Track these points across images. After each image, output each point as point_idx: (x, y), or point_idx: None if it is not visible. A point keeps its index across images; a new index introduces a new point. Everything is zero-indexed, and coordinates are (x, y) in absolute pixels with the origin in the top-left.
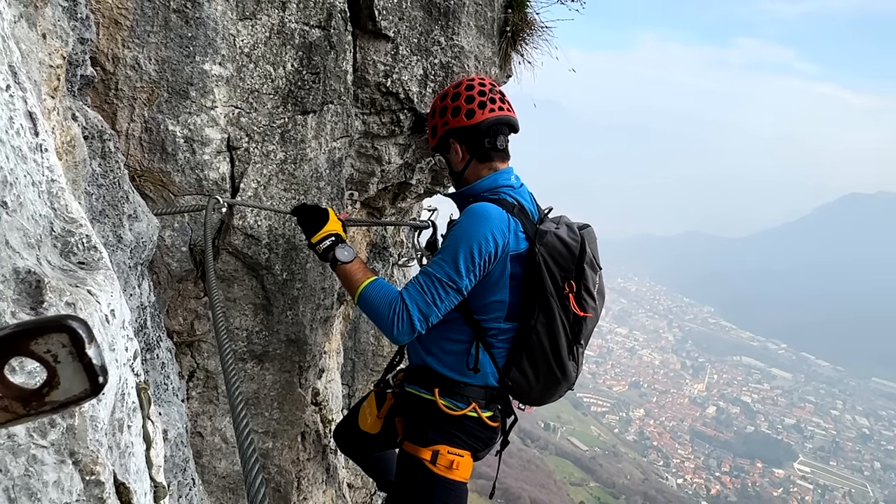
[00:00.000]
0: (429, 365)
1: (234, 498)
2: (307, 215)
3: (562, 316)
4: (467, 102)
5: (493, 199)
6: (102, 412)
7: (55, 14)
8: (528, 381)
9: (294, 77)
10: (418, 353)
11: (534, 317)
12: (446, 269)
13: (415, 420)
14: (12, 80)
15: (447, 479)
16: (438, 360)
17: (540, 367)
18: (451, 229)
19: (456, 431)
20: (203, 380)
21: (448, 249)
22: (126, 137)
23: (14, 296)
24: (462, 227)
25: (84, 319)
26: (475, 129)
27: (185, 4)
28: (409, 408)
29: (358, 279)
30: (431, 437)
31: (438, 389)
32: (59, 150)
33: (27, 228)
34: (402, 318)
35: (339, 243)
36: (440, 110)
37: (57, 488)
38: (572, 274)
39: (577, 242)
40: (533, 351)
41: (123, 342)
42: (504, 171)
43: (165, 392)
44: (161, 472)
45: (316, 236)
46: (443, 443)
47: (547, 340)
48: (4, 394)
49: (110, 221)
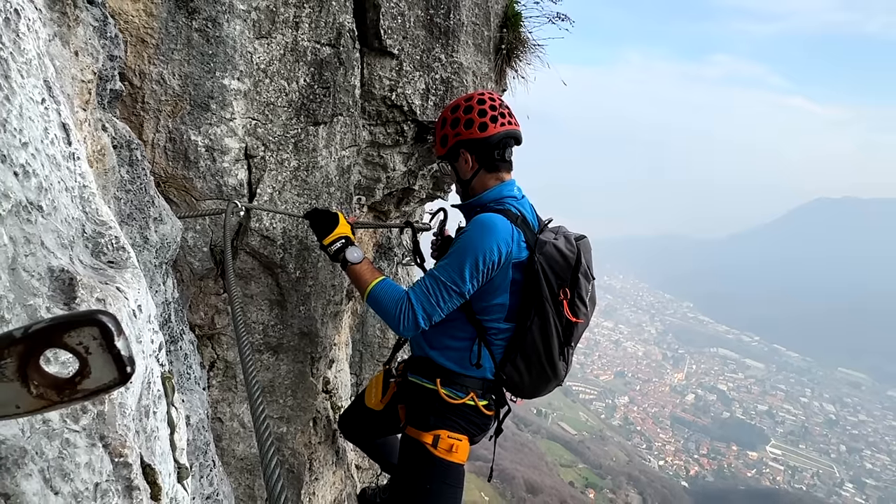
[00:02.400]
0: (431, 358)
1: (251, 478)
2: (319, 219)
3: (555, 320)
4: (480, 116)
5: (499, 210)
6: (130, 399)
7: (86, 33)
8: (522, 376)
9: (306, 91)
10: (421, 346)
11: (530, 319)
12: (452, 273)
13: (417, 407)
14: (47, 93)
15: (447, 462)
16: (441, 354)
17: (533, 365)
18: (459, 237)
19: (455, 418)
20: (223, 370)
21: (455, 255)
22: (152, 146)
23: (49, 292)
24: (470, 237)
25: (113, 314)
26: (487, 142)
27: (206, 24)
28: (411, 396)
29: (367, 279)
30: (433, 423)
31: (440, 380)
32: (90, 159)
33: (61, 230)
34: (407, 316)
35: (348, 245)
36: (452, 121)
37: (88, 469)
38: (567, 282)
39: (573, 254)
40: (527, 350)
41: (149, 335)
42: (508, 182)
43: (188, 381)
44: (184, 454)
45: (327, 238)
46: (443, 428)
47: (540, 341)
48: (40, 382)
49: (137, 224)
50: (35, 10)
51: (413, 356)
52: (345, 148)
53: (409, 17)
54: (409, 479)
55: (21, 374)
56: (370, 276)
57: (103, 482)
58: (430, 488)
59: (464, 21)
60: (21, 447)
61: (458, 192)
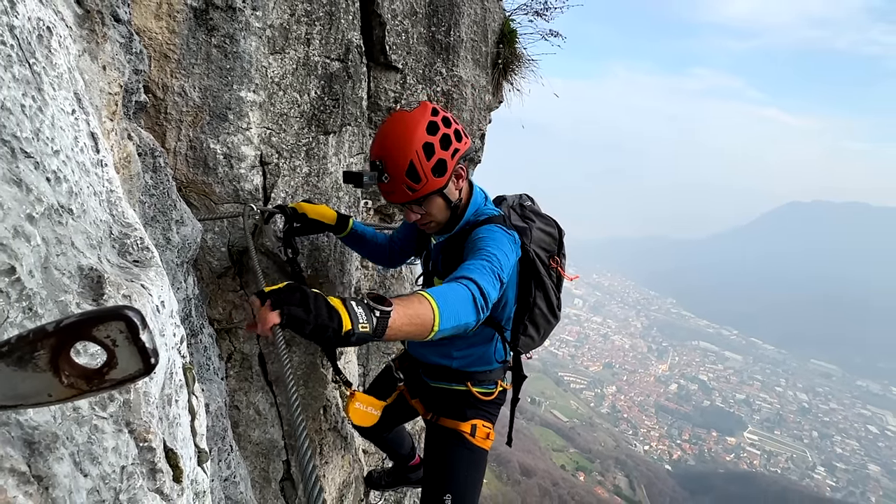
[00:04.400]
0: (458, 368)
1: (266, 462)
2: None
3: (551, 283)
4: (455, 123)
5: (486, 221)
6: (154, 388)
7: (113, 49)
8: (534, 338)
9: (317, 103)
10: (442, 357)
11: (532, 296)
12: (502, 260)
13: (448, 403)
14: (77, 105)
15: (483, 449)
16: (467, 362)
17: (541, 325)
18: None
19: (489, 408)
20: (239, 361)
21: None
22: (174, 154)
23: (79, 289)
24: (492, 236)
25: (138, 309)
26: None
27: (225, 40)
28: (438, 396)
29: (420, 312)
30: (470, 414)
31: (471, 381)
32: (116, 165)
33: (90, 232)
34: (484, 306)
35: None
36: (441, 141)
37: (115, 453)
38: (555, 251)
39: (554, 228)
40: (535, 319)
41: (172, 329)
42: (475, 186)
43: (207, 371)
44: (203, 439)
45: (345, 322)
46: (479, 418)
47: (545, 305)
48: (71, 372)
49: (160, 226)
50: (66, 27)
51: (428, 363)
52: (353, 155)
53: (412, 34)
54: (445, 467)
55: (53, 364)
56: (417, 305)
57: (129, 465)
58: (468, 475)
59: (463, 38)
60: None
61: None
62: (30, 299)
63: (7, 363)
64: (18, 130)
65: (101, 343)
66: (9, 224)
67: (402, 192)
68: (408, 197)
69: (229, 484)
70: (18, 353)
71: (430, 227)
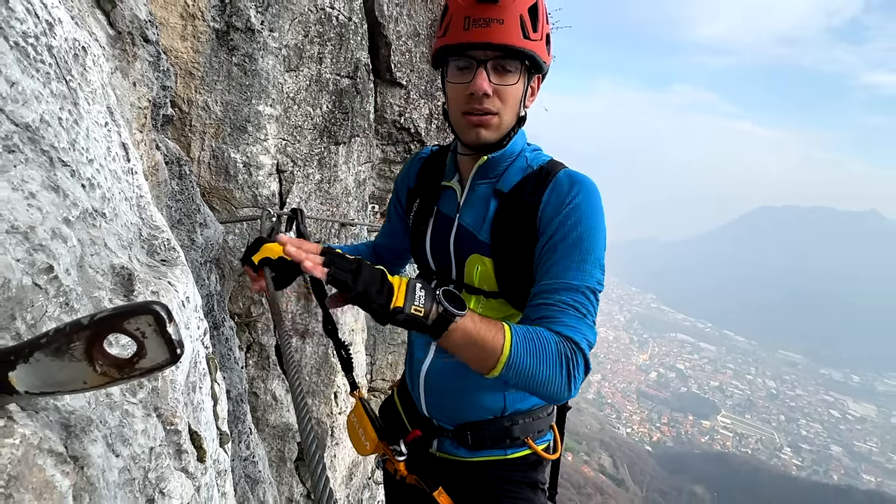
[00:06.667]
0: (513, 410)
1: (281, 443)
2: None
3: None
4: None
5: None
6: (180, 376)
7: (143, 67)
8: None
9: (328, 116)
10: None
11: None
12: (599, 275)
13: (502, 490)
14: (110, 118)
15: None
16: (524, 397)
17: None
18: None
19: (544, 478)
20: (258, 351)
21: (584, 244)
22: (198, 163)
23: (111, 286)
24: (592, 211)
25: (165, 304)
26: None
27: (244, 59)
28: (479, 480)
29: (494, 339)
30: (537, 501)
31: (531, 436)
32: (145, 173)
33: (121, 233)
34: (579, 369)
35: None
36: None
37: (144, 435)
38: None
39: None
40: None
41: (196, 322)
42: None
43: (228, 361)
44: (225, 422)
45: (396, 298)
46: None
47: None
48: (104, 362)
49: (185, 228)
50: (99, 47)
51: (463, 423)
52: (361, 164)
53: (415, 54)
54: None
55: (88, 355)
56: (494, 329)
57: (157, 446)
58: None
59: None
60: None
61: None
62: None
63: (46, 353)
64: (56, 141)
65: (132, 335)
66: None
67: (514, 27)
68: (515, 38)
69: (248, 463)
70: (56, 344)
71: (488, 122)
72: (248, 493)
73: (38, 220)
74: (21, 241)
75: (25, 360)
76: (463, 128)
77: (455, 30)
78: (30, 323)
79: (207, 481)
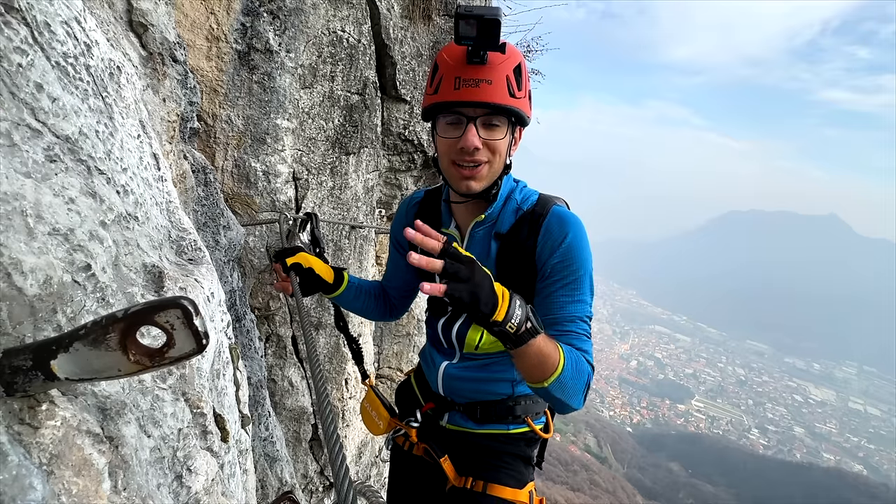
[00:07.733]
0: (519, 393)
1: (297, 425)
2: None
3: None
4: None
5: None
6: (205, 364)
7: (171, 84)
8: None
9: (340, 129)
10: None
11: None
12: (591, 300)
13: (501, 458)
14: (142, 130)
15: None
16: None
17: None
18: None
19: (538, 457)
20: (276, 342)
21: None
22: (221, 171)
23: (143, 283)
24: (581, 247)
25: (192, 299)
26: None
27: (264, 77)
28: (482, 450)
29: (553, 357)
30: (527, 475)
31: (530, 416)
32: (174, 180)
33: (152, 235)
34: (588, 385)
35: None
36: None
37: (173, 418)
38: None
39: None
40: None
41: (220, 315)
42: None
43: (249, 350)
44: (246, 406)
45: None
46: (532, 478)
47: None
48: (136, 351)
49: (210, 230)
50: (133, 66)
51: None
52: (369, 172)
53: (418, 72)
54: None
55: (122, 345)
56: (554, 351)
57: (185, 428)
58: None
59: None
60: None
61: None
62: (102, 291)
63: (84, 344)
64: (93, 151)
65: (162, 327)
66: (85, 229)
67: (501, 87)
68: (503, 97)
69: (267, 443)
70: (93, 335)
71: (478, 174)
72: (268, 470)
73: (77, 223)
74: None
75: (66, 349)
76: (454, 178)
77: (446, 88)
78: (69, 316)
79: (230, 459)
